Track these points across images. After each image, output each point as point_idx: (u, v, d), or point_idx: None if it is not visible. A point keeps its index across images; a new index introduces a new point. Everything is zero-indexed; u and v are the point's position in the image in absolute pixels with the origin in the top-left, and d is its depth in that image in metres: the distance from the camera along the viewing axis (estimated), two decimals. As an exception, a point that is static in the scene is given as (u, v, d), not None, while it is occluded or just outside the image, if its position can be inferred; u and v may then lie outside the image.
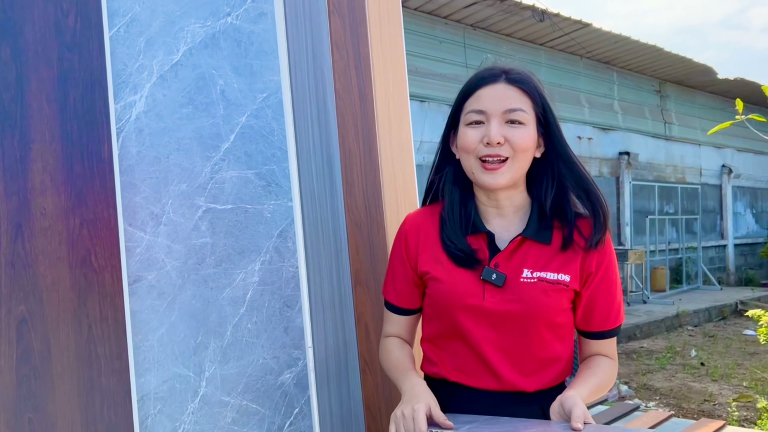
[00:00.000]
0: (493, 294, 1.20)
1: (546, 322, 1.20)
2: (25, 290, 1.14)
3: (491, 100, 1.20)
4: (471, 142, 1.21)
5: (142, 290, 1.29)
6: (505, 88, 1.21)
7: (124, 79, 1.32)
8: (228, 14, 1.45)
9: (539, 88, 1.24)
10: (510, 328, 1.20)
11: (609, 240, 1.25)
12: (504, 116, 1.20)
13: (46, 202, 1.18)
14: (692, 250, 12.46)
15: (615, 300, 1.27)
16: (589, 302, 1.25)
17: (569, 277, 1.20)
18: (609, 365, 1.28)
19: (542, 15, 8.62)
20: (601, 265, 1.23)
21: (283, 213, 1.46)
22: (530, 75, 1.24)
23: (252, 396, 1.40)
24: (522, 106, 1.20)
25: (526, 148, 1.20)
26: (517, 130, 1.19)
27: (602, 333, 1.28)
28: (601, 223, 1.21)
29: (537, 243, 1.22)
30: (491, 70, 1.24)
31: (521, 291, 1.19)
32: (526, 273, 1.20)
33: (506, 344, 1.21)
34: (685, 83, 12.64)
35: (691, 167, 13.13)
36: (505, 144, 1.19)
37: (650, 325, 8.42)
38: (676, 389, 5.75)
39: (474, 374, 1.23)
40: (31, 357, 1.14)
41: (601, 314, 1.26)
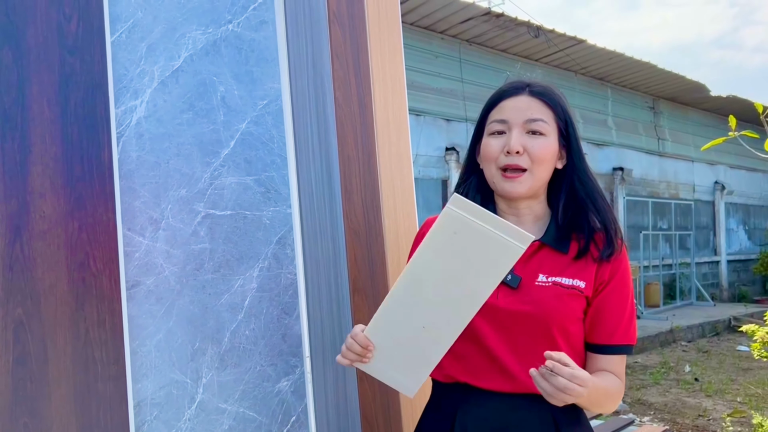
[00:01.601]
0: (507, 295, 1.21)
1: (559, 327, 1.20)
2: (23, 293, 1.13)
3: (513, 111, 1.24)
4: (492, 151, 1.24)
5: (140, 295, 1.29)
6: (527, 99, 1.25)
7: (125, 84, 1.32)
8: (229, 21, 1.45)
9: (562, 102, 1.27)
10: (523, 329, 1.20)
11: (625, 256, 1.26)
12: (525, 126, 1.23)
13: (46, 206, 1.17)
14: (686, 266, 12.49)
15: (625, 314, 1.25)
16: (598, 310, 1.24)
17: (584, 284, 1.21)
18: (615, 381, 1.24)
19: (537, 31, 8.69)
20: (614, 276, 1.23)
21: (282, 220, 1.46)
22: (553, 89, 1.28)
23: (249, 403, 1.39)
24: (543, 116, 1.23)
25: (544, 159, 1.22)
26: (537, 140, 1.22)
27: (609, 347, 1.24)
28: (611, 237, 1.23)
29: (554, 250, 1.24)
30: (515, 83, 1.28)
31: (535, 293, 1.21)
32: (541, 277, 1.22)
33: (518, 345, 1.21)
34: (679, 100, 12.75)
35: (684, 183, 13.20)
36: (524, 154, 1.22)
37: (644, 340, 8.41)
38: (671, 404, 5.74)
39: (485, 376, 1.22)
40: (28, 361, 1.13)
41: (610, 325, 1.24)
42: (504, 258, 1.03)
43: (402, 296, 1.10)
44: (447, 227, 1.04)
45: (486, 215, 1.02)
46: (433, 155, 8.37)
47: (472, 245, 1.04)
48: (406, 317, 1.11)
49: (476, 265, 1.05)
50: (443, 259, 1.06)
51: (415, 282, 1.09)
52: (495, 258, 1.04)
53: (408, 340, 1.12)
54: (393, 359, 1.15)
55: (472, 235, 1.03)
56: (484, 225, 1.02)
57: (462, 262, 1.05)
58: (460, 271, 1.06)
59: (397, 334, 1.13)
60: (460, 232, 1.03)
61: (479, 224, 1.02)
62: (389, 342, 1.14)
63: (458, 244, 1.04)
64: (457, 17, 8.06)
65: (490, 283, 1.06)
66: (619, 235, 1.24)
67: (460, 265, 1.06)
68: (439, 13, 7.89)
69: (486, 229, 1.02)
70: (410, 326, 1.11)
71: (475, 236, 1.03)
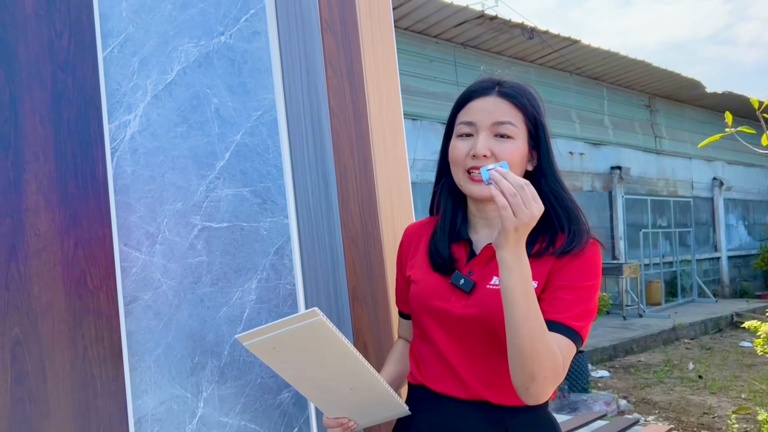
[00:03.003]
0: (459, 299, 1.19)
1: None
2: (20, 312, 1.13)
3: (481, 113, 1.20)
4: (459, 154, 1.21)
5: (138, 310, 1.28)
6: (495, 101, 1.20)
7: (118, 99, 1.32)
8: (221, 33, 1.45)
9: (533, 102, 1.22)
10: (472, 334, 1.17)
11: (593, 254, 1.17)
12: (492, 129, 1.19)
13: (41, 223, 1.17)
14: (686, 263, 12.49)
15: (572, 296, 1.13)
16: (543, 293, 1.15)
17: (536, 283, 1.14)
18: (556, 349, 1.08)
19: (531, 33, 8.71)
20: (570, 263, 1.15)
21: (279, 230, 1.45)
22: (524, 88, 1.23)
23: (250, 416, 1.38)
24: (511, 119, 1.19)
25: (512, 163, 1.18)
26: (505, 144, 1.19)
27: (551, 323, 1.10)
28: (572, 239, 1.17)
29: None
30: (484, 83, 1.24)
31: (484, 297, 1.17)
32: (494, 280, 1.17)
33: (470, 351, 1.18)
34: (675, 98, 12.77)
35: (682, 180, 13.21)
36: (491, 157, 1.18)
37: (647, 338, 8.40)
38: (675, 402, 5.73)
39: (440, 380, 1.21)
40: (26, 380, 1.12)
41: (554, 302, 1.13)
42: (321, 335, 1.06)
43: (309, 393, 1.18)
44: (264, 353, 1.09)
45: (272, 326, 1.05)
46: (431, 159, 8.37)
47: (293, 344, 1.07)
48: (332, 395, 1.17)
49: (317, 349, 1.09)
50: (295, 365, 1.12)
51: (301, 384, 1.16)
52: (316, 339, 1.06)
53: (355, 398, 1.17)
54: (367, 409, 1.21)
55: (284, 341, 1.06)
56: (280, 331, 1.05)
57: (306, 355, 1.10)
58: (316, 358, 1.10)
59: (344, 402, 1.19)
60: (275, 346, 1.07)
61: (276, 334, 1.05)
62: (349, 408, 1.20)
63: (286, 351, 1.09)
64: (451, 21, 8.08)
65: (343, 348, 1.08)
66: (589, 234, 1.18)
67: (308, 356, 1.10)
68: (433, 18, 7.91)
69: (283, 332, 1.05)
70: (344, 396, 1.17)
71: (286, 340, 1.06)
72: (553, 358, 1.06)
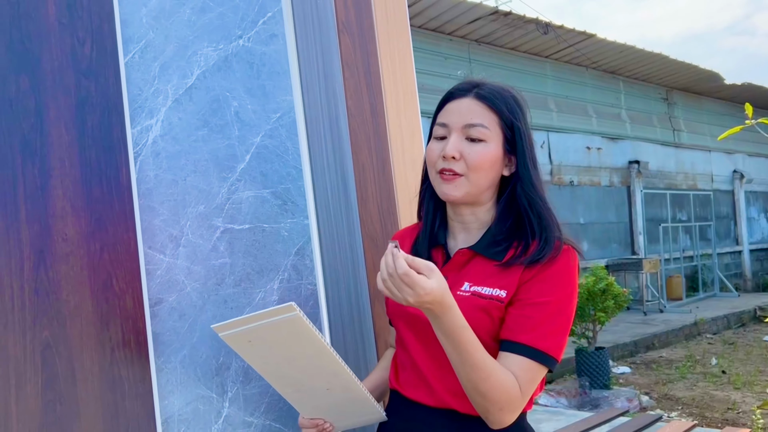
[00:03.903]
0: None
1: None
2: (49, 316, 1.15)
3: (454, 115, 1.18)
4: (432, 156, 1.20)
5: (164, 312, 1.30)
6: (470, 102, 1.18)
7: (140, 104, 1.34)
8: (240, 37, 1.46)
9: (510, 106, 1.18)
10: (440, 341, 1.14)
11: (565, 263, 1.14)
12: (464, 131, 1.16)
13: (67, 228, 1.19)
14: (707, 257, 12.35)
15: (541, 315, 1.10)
16: (511, 307, 1.12)
17: (505, 293, 1.12)
18: (506, 376, 1.06)
19: (546, 28, 8.66)
20: (537, 275, 1.12)
21: (300, 231, 1.47)
22: (503, 92, 1.20)
23: (275, 415, 1.39)
24: (483, 122, 1.16)
25: (480, 167, 1.16)
26: (475, 147, 1.16)
27: (510, 343, 1.09)
28: (544, 246, 1.13)
29: (486, 259, 1.17)
30: (463, 85, 1.21)
31: None
32: (464, 286, 1.15)
33: (439, 358, 1.13)
34: (693, 90, 12.63)
35: (702, 174, 13.06)
36: (461, 160, 1.16)
37: (668, 334, 8.33)
38: (698, 398, 5.67)
39: (411, 386, 1.19)
40: (56, 382, 1.14)
41: (520, 321, 1.10)
42: (297, 331, 1.04)
43: (285, 391, 1.17)
44: (240, 345, 1.08)
45: (249, 318, 1.04)
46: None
47: (269, 338, 1.06)
48: (308, 395, 1.17)
49: (293, 346, 1.07)
50: (271, 361, 1.11)
51: (277, 381, 1.15)
52: (292, 334, 1.05)
53: (331, 399, 1.17)
54: (343, 411, 1.21)
55: (260, 334, 1.05)
56: (256, 324, 1.03)
57: (282, 350, 1.09)
58: (291, 355, 1.09)
59: (320, 403, 1.18)
60: (251, 339, 1.06)
61: (253, 326, 1.04)
62: (325, 409, 1.20)
63: (262, 345, 1.07)
64: (465, 18, 8.06)
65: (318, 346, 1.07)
66: (562, 241, 1.15)
67: (284, 352, 1.09)
68: (447, 15, 7.89)
69: (259, 325, 1.03)
70: (320, 396, 1.16)
71: (262, 333, 1.05)
72: (505, 392, 1.06)
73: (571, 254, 1.15)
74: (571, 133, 10.13)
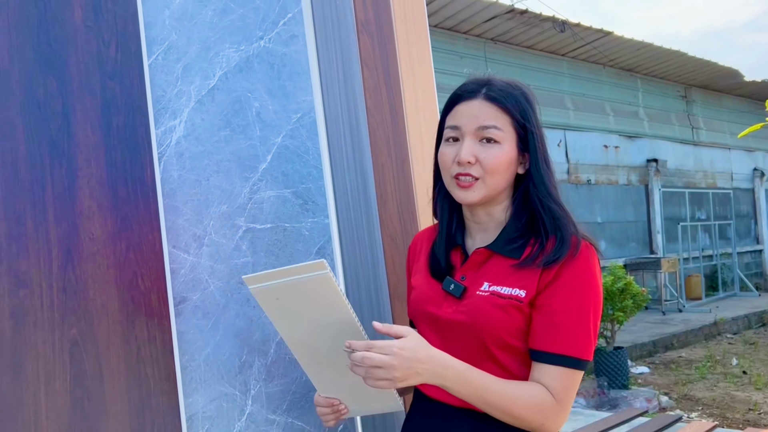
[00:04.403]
0: (450, 304, 1.18)
1: (494, 339, 1.12)
2: (77, 314, 1.17)
3: (466, 117, 1.16)
4: (446, 160, 1.18)
5: (188, 311, 1.31)
6: (480, 104, 1.16)
7: (163, 105, 1.35)
8: (260, 38, 1.48)
9: (521, 104, 1.17)
10: (461, 341, 1.15)
11: (584, 262, 1.12)
12: (477, 134, 1.15)
13: (94, 228, 1.21)
14: (727, 256, 12.21)
15: (568, 321, 1.10)
16: (536, 312, 1.12)
17: (524, 293, 1.11)
18: (535, 392, 1.08)
19: (563, 26, 8.61)
20: (558, 279, 1.11)
21: (321, 230, 1.48)
22: (514, 89, 1.18)
23: (297, 413, 1.40)
24: (497, 123, 1.15)
25: (496, 169, 1.15)
26: (490, 149, 1.15)
27: (540, 354, 1.10)
28: (560, 245, 1.12)
29: (504, 257, 1.16)
30: (470, 85, 1.19)
31: (473, 303, 1.14)
32: (484, 286, 1.15)
33: (459, 358, 1.12)
34: (712, 87, 12.49)
35: (721, 172, 12.91)
36: (476, 164, 1.15)
37: (687, 334, 8.24)
38: (719, 399, 5.61)
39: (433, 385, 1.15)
40: (84, 379, 1.16)
41: (544, 329, 1.10)
42: (325, 291, 1.03)
43: (305, 362, 1.15)
44: (268, 302, 1.07)
45: (279, 272, 1.03)
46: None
47: (297, 298, 1.05)
48: (329, 371, 1.15)
49: (319, 308, 1.06)
50: (296, 326, 1.10)
51: (300, 350, 1.14)
52: (320, 295, 1.03)
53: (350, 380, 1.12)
54: (360, 396, 1.18)
55: (288, 293, 1.04)
56: (286, 279, 1.02)
57: (309, 314, 1.07)
58: (316, 320, 1.08)
59: (339, 383, 1.17)
60: (279, 297, 1.05)
61: (282, 282, 1.03)
62: (343, 390, 1.18)
63: (289, 305, 1.06)
64: (481, 16, 8.04)
65: (344, 312, 1.05)
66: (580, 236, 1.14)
67: (310, 316, 1.07)
68: (463, 14, 7.88)
69: (289, 281, 1.02)
70: (340, 374, 1.12)
71: (291, 292, 1.04)
72: (539, 410, 1.08)
73: (590, 251, 1.14)
74: (588, 131, 10.07)
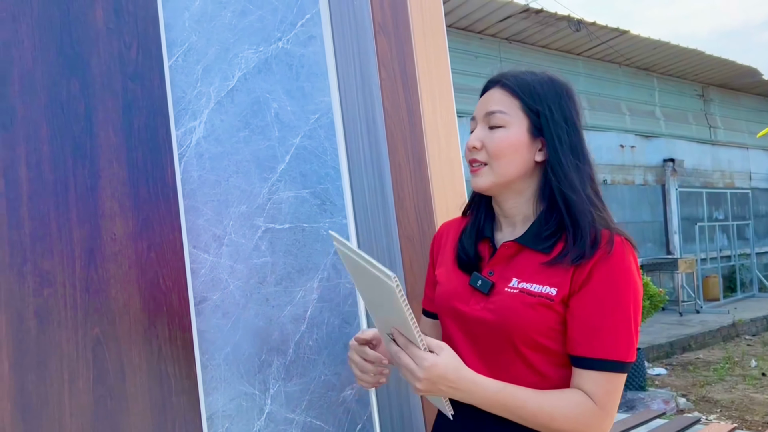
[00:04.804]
0: (478, 301, 1.14)
1: (523, 339, 1.08)
2: (99, 313, 1.18)
3: (480, 106, 1.18)
4: (465, 149, 1.20)
5: (208, 310, 1.33)
6: (494, 92, 1.17)
7: (183, 106, 1.37)
8: (279, 39, 1.49)
9: (537, 89, 1.14)
10: (488, 340, 1.12)
11: (620, 258, 1.06)
12: (485, 120, 1.16)
13: (116, 228, 1.22)
14: (745, 257, 12.07)
15: (606, 322, 1.04)
16: (572, 316, 1.07)
17: (555, 291, 1.06)
18: (574, 401, 1.04)
19: (578, 25, 8.56)
20: (592, 278, 1.05)
21: (339, 230, 1.48)
22: (532, 75, 1.16)
23: (316, 413, 1.41)
24: (502, 107, 1.14)
25: (500, 153, 1.13)
26: (495, 133, 1.14)
27: (580, 359, 1.05)
28: (579, 239, 1.07)
29: (534, 252, 1.12)
30: (492, 77, 1.20)
31: (501, 301, 1.10)
32: (513, 282, 1.11)
33: (487, 356, 1.12)
34: (729, 86, 12.36)
35: (739, 172, 12.77)
36: (482, 149, 1.15)
37: (705, 335, 8.16)
38: (738, 401, 5.55)
39: None
40: (107, 378, 1.17)
41: (581, 333, 1.05)
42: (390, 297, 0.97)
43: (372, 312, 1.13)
44: (345, 258, 1.06)
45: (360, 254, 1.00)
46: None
47: (368, 281, 1.02)
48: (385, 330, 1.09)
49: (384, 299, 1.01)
50: (365, 287, 1.08)
51: (367, 301, 1.12)
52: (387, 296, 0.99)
53: None
54: None
55: (360, 272, 1.02)
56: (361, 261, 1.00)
57: (376, 296, 1.04)
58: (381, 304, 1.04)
59: None
60: (353, 268, 1.04)
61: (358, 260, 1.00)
62: None
63: (361, 278, 1.05)
64: (496, 16, 8.02)
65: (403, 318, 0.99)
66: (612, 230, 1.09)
67: (377, 299, 1.05)
68: (477, 13, 7.86)
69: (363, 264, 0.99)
70: None
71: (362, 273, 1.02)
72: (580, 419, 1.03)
73: (625, 247, 1.08)
74: (604, 131, 10.00)
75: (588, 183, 1.14)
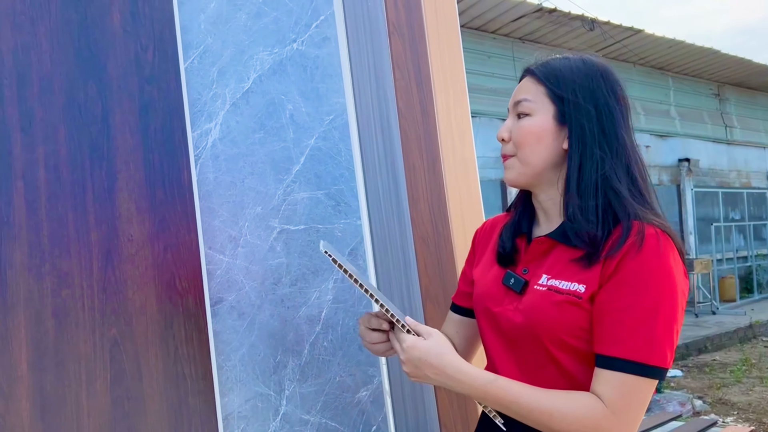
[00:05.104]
0: (511, 300, 1.09)
1: (552, 339, 1.02)
2: (116, 314, 1.19)
3: (512, 98, 1.15)
4: None
5: (224, 311, 1.33)
6: (524, 81, 1.14)
7: (199, 108, 1.37)
8: (294, 41, 1.49)
9: (564, 76, 1.08)
10: (520, 342, 1.07)
11: (649, 253, 0.97)
12: (514, 110, 1.12)
13: (133, 229, 1.23)
14: (762, 258, 11.94)
15: (629, 320, 0.95)
16: (598, 312, 0.99)
17: (584, 287, 0.99)
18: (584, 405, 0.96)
19: (592, 24, 8.51)
20: (619, 272, 0.97)
21: (353, 231, 1.48)
22: (559, 60, 1.11)
23: (331, 414, 1.41)
24: (528, 95, 1.10)
25: (524, 141, 1.08)
26: (521, 122, 1.10)
27: (601, 358, 0.97)
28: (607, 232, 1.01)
29: (567, 248, 1.05)
30: (524, 69, 1.17)
31: (530, 300, 1.05)
32: (542, 279, 1.05)
33: (519, 358, 1.07)
34: (746, 85, 12.23)
35: (756, 171, 12.63)
36: (509, 141, 1.11)
37: (721, 336, 8.08)
38: (755, 403, 5.48)
39: None
40: (124, 378, 1.18)
41: (605, 329, 0.97)
42: None
43: None
44: None
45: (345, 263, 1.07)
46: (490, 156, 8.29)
47: None
48: None
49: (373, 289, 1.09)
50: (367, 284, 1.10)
51: None
52: None
53: None
54: None
55: None
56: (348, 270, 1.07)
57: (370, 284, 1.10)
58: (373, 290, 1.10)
59: None
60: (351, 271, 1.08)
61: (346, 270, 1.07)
62: None
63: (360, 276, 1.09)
64: (509, 16, 7.99)
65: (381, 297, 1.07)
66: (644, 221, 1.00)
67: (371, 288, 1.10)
68: (491, 13, 7.84)
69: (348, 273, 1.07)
70: None
71: None
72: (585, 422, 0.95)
73: (661, 240, 0.97)
74: (618, 130, 9.92)
75: (623, 174, 1.05)
